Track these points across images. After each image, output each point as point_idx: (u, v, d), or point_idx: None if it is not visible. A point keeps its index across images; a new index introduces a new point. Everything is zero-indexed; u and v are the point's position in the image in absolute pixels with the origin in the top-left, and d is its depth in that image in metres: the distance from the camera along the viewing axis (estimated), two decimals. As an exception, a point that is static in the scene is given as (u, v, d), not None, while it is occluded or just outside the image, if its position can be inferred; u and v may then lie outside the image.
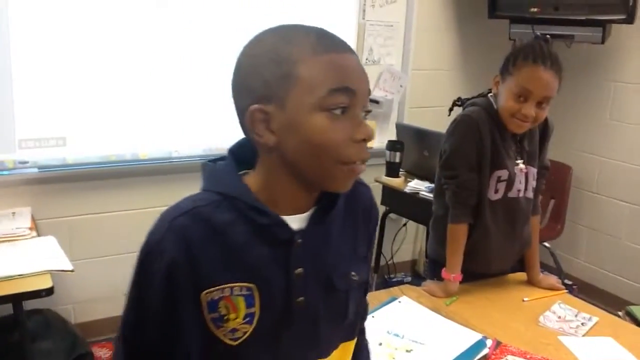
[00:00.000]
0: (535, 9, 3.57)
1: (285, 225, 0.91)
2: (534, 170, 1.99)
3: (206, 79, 3.06)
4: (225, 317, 0.88)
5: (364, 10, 3.55)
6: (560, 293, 2.04)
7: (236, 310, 0.89)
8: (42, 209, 2.85)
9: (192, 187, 0.95)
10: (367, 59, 3.62)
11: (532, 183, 2.00)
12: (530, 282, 2.10)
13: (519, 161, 1.95)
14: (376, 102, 3.62)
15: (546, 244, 3.81)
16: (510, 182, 1.93)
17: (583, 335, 1.76)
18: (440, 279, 1.97)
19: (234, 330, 0.89)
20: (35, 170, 2.81)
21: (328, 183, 0.90)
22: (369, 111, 0.90)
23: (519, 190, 1.96)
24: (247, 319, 0.90)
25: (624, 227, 3.77)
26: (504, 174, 1.91)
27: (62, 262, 2.22)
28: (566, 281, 3.90)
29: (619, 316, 2.85)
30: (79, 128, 2.87)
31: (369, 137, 0.87)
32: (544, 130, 2.03)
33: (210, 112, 3.11)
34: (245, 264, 0.89)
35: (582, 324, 1.82)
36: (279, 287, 0.91)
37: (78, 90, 2.82)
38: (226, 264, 0.88)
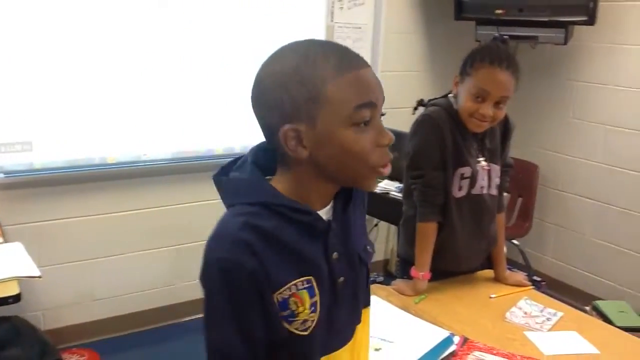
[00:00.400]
0: (500, 11, 3.64)
1: (322, 219, 1.02)
2: (496, 168, 2.04)
3: (175, 81, 3.05)
4: (296, 312, 0.98)
5: (332, 13, 3.57)
6: (526, 289, 2.08)
7: (303, 303, 0.99)
8: (9, 215, 2.81)
9: (161, 190, 0.97)
10: (336, 61, 3.63)
11: (496, 180, 2.04)
12: (498, 279, 2.14)
13: (480, 159, 1.99)
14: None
15: (515, 241, 3.89)
16: (473, 179, 1.97)
17: (548, 330, 1.79)
18: (410, 278, 2.00)
19: (305, 321, 1.00)
20: (1, 175, 2.77)
21: (359, 183, 1.02)
22: (383, 114, 0.99)
23: (482, 187, 2.00)
24: (312, 308, 1.00)
25: (589, 224, 3.86)
26: (466, 171, 1.96)
27: (29, 268, 2.19)
28: (535, 278, 3.97)
29: (586, 311, 2.93)
30: (46, 132, 2.83)
31: (391, 142, 0.97)
32: (505, 129, 2.08)
33: (179, 115, 3.10)
34: (300, 260, 0.99)
35: (548, 319, 1.86)
36: (325, 273, 1.02)
37: (44, 93, 2.79)
38: (287, 264, 0.98)
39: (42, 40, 2.74)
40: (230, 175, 1.03)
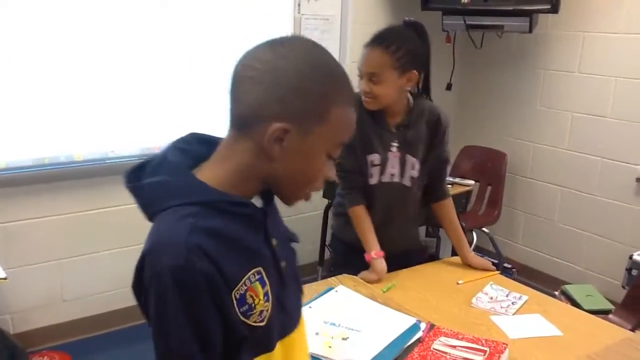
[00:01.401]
0: (466, 1, 3.67)
1: (259, 208, 1.03)
2: (412, 160, 2.09)
3: (140, 75, 3.02)
4: (253, 305, 0.98)
5: (299, 4, 3.56)
6: (493, 274, 2.10)
7: (257, 294, 0.99)
8: (-27, 216, 2.77)
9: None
10: (304, 54, 3.63)
11: (411, 172, 2.10)
12: (464, 262, 2.17)
13: (393, 148, 2.07)
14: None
15: (485, 229, 3.94)
16: (382, 166, 2.07)
17: (513, 314, 1.82)
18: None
19: (261, 312, 0.99)
20: (-36, 176, 2.72)
21: (286, 197, 1.05)
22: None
23: (392, 175, 2.09)
24: (266, 297, 1.00)
25: (557, 210, 3.92)
26: (375, 158, 2.07)
27: (-6, 270, 2.16)
28: (505, 265, 4.03)
29: (555, 296, 2.97)
30: (9, 130, 2.78)
31: (333, 179, 1.05)
32: (435, 126, 2.12)
33: (146, 110, 3.07)
34: (248, 253, 0.99)
35: (513, 303, 1.88)
36: (270, 261, 1.04)
37: (5, 90, 2.74)
38: (238, 260, 0.97)
39: (6, 36, 2.69)
40: (148, 180, 0.98)
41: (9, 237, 2.89)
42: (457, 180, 3.41)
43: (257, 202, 1.04)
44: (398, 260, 2.11)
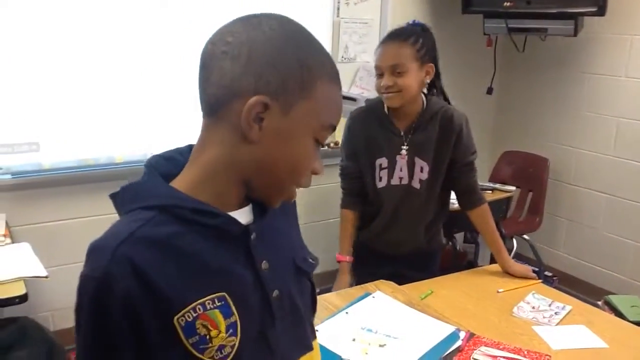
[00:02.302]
0: (508, 4, 3.60)
1: (235, 222, 0.86)
2: (422, 163, 2.08)
3: (183, 78, 3.04)
4: (207, 337, 0.81)
5: (339, 8, 3.55)
6: (534, 283, 2.05)
7: (216, 325, 0.82)
8: (17, 215, 2.82)
9: None
10: (342, 57, 3.62)
11: (420, 175, 2.09)
12: (503, 269, 2.13)
13: (403, 150, 2.07)
14: (353, 99, 3.60)
15: (525, 236, 3.85)
16: (391, 170, 2.09)
17: (556, 324, 1.77)
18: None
19: (222, 347, 0.82)
20: (9, 176, 2.78)
21: (270, 197, 0.89)
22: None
23: (400, 178, 2.10)
24: (231, 330, 0.83)
25: (602, 218, 3.81)
26: (383, 161, 2.10)
27: (36, 269, 2.19)
28: (546, 273, 3.93)
29: (598, 306, 2.89)
30: (53, 132, 2.84)
31: (320, 174, 0.91)
32: (449, 127, 2.09)
33: (187, 112, 3.09)
34: (208, 273, 0.82)
35: (556, 313, 1.83)
36: (250, 287, 0.87)
37: (51, 93, 2.79)
38: (189, 280, 0.81)
39: (49, 42, 2.74)
40: (122, 185, 0.87)
41: (51, 236, 2.94)
42: (497, 185, 3.35)
43: (245, 215, 0.89)
44: (409, 260, 2.17)
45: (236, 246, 0.86)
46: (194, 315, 0.80)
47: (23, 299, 2.04)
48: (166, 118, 3.08)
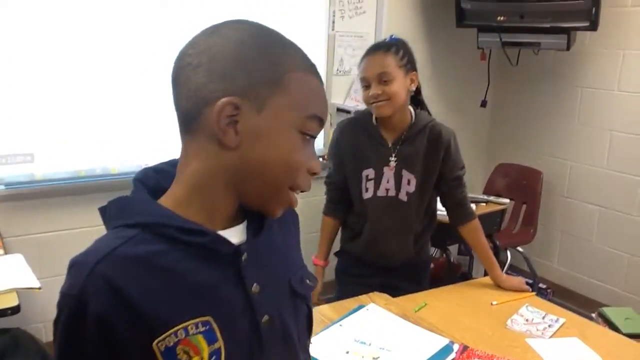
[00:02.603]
0: (502, 18, 3.63)
1: (225, 241, 0.81)
2: (409, 175, 2.09)
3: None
4: None
5: (334, 22, 3.57)
6: (528, 295, 2.05)
7: (198, 352, 0.77)
8: (10, 226, 2.81)
9: None
10: (337, 70, 3.64)
11: (407, 187, 2.10)
12: (495, 283, 2.12)
13: (391, 162, 2.07)
14: (348, 111, 3.63)
15: (519, 248, 3.86)
16: (377, 181, 2.10)
17: (550, 337, 1.77)
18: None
19: None
20: (2, 187, 2.77)
21: (266, 204, 0.84)
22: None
23: (387, 190, 2.11)
24: (214, 357, 0.78)
25: (595, 230, 3.82)
26: (370, 172, 2.11)
27: (29, 280, 2.19)
28: (540, 285, 3.94)
29: (592, 318, 2.89)
30: (47, 143, 2.84)
31: (319, 173, 0.86)
32: (437, 142, 2.10)
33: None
34: (193, 295, 0.78)
35: (549, 325, 1.83)
36: (238, 311, 0.82)
37: (46, 104, 2.79)
38: (173, 301, 0.76)
39: (43, 52, 2.75)
40: (111, 200, 0.84)
41: (44, 247, 2.93)
42: (491, 198, 3.36)
43: (237, 233, 0.84)
44: (399, 272, 2.18)
45: (225, 267, 0.82)
46: (175, 340, 0.76)
47: (15, 310, 2.03)
48: (162, 129, 3.08)
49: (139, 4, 2.93)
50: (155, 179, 0.87)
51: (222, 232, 0.82)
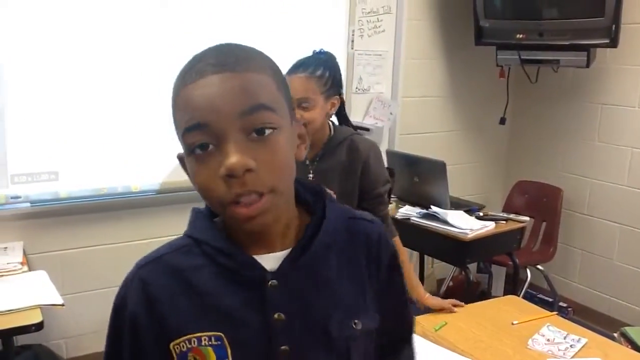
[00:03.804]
0: (521, 35, 3.64)
1: (254, 266, 0.83)
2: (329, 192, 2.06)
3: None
4: None
5: (353, 40, 3.60)
6: (550, 315, 2.04)
7: None
8: (34, 243, 2.86)
9: (183, 220, 0.94)
10: (357, 88, 3.66)
11: None
12: (420, 302, 2.08)
13: (309, 178, 2.04)
14: (367, 129, 3.66)
15: (540, 266, 3.83)
16: None
17: (572, 357, 1.76)
18: None
19: None
20: (28, 205, 2.82)
21: (235, 225, 0.82)
22: (263, 129, 0.77)
23: None
24: None
25: (616, 248, 3.78)
26: None
27: (52, 297, 2.22)
28: (561, 304, 3.90)
29: (614, 338, 2.85)
30: (71, 162, 2.89)
31: (230, 170, 0.74)
32: (355, 156, 2.04)
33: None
34: (214, 311, 0.82)
35: (571, 345, 1.82)
36: (255, 335, 0.82)
37: (69, 124, 2.85)
38: (194, 313, 0.82)
39: (68, 75, 2.81)
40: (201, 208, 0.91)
41: (67, 264, 2.97)
42: (511, 216, 3.34)
43: (278, 260, 0.84)
44: None
45: (251, 290, 0.83)
46: (188, 346, 0.81)
47: (39, 326, 2.06)
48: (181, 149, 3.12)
49: (172, 28, 3.00)
50: None
51: (260, 256, 0.84)
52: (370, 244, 0.92)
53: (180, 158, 0.85)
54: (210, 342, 0.81)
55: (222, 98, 0.75)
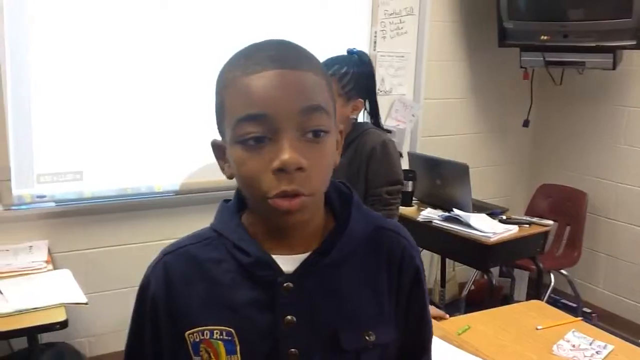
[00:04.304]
0: (546, 37, 3.59)
1: (269, 266, 0.83)
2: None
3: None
4: None
5: (375, 42, 3.59)
6: (575, 320, 2.01)
7: (217, 355, 0.83)
8: (59, 242, 2.89)
9: (206, 219, 0.95)
10: (379, 89, 3.62)
11: None
12: None
13: None
14: (389, 131, 3.63)
15: (563, 271, 3.78)
16: None
17: (598, 364, 1.73)
18: None
19: None
20: (53, 204, 2.86)
21: (268, 218, 0.82)
22: (319, 132, 0.78)
23: None
24: None
25: (642, 253, 3.72)
26: None
27: (77, 295, 2.24)
28: (585, 309, 3.84)
29: (639, 344, 2.80)
30: (96, 162, 2.92)
31: (284, 165, 0.74)
32: (360, 151, 1.99)
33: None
34: (227, 305, 0.84)
35: (597, 352, 1.79)
36: (263, 334, 0.83)
37: (94, 125, 2.88)
38: (209, 305, 0.84)
39: (94, 77, 2.84)
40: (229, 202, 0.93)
41: (91, 263, 3.00)
42: (534, 219, 3.30)
43: (298, 261, 0.84)
44: None
45: (264, 290, 0.83)
46: (201, 337, 0.84)
47: (64, 325, 2.08)
48: (206, 148, 3.13)
49: (196, 31, 3.01)
50: None
51: (278, 257, 0.84)
52: (393, 259, 0.90)
53: (216, 145, 0.86)
54: (221, 337, 0.83)
55: (285, 92, 0.76)
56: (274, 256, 0.84)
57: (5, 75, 2.65)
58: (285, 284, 0.82)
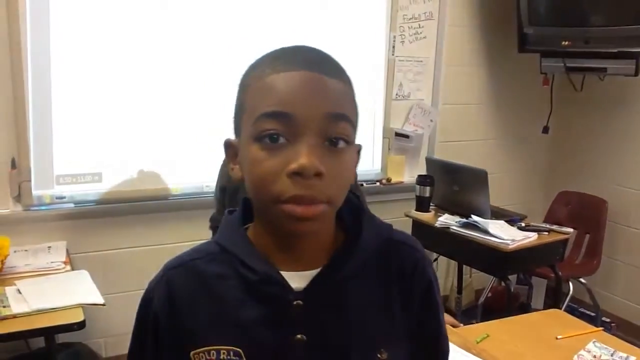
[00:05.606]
0: (566, 43, 3.56)
1: (277, 283, 0.79)
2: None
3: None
4: None
5: (394, 47, 3.58)
6: (595, 330, 1.98)
7: None
8: (77, 243, 2.90)
9: None
10: (397, 94, 3.64)
11: None
12: None
13: None
14: (406, 136, 3.63)
15: (582, 279, 3.74)
16: None
17: (619, 376, 1.70)
18: None
19: None
20: (72, 205, 2.88)
21: (277, 225, 0.77)
22: (339, 140, 0.75)
23: None
24: None
25: (663, 263, 3.67)
26: None
27: (94, 296, 2.25)
28: (604, 319, 3.79)
29: (660, 356, 2.76)
30: (115, 164, 2.94)
31: (302, 169, 0.71)
32: None
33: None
34: (234, 324, 0.80)
35: (619, 363, 1.76)
36: (272, 354, 0.80)
37: (114, 127, 2.90)
38: (215, 324, 0.81)
39: (114, 79, 2.85)
40: (232, 214, 0.89)
41: (109, 264, 3.02)
42: (554, 227, 3.27)
43: (308, 278, 0.81)
44: None
45: (274, 308, 0.80)
46: (207, 357, 0.80)
47: (81, 325, 2.09)
48: (220, 153, 3.14)
49: (218, 37, 3.03)
50: None
51: (288, 273, 0.81)
52: (404, 274, 0.87)
53: (229, 144, 0.84)
54: (229, 357, 0.79)
55: (312, 95, 0.74)
56: (282, 272, 0.80)
57: (26, 78, 2.67)
58: (295, 302, 0.79)
